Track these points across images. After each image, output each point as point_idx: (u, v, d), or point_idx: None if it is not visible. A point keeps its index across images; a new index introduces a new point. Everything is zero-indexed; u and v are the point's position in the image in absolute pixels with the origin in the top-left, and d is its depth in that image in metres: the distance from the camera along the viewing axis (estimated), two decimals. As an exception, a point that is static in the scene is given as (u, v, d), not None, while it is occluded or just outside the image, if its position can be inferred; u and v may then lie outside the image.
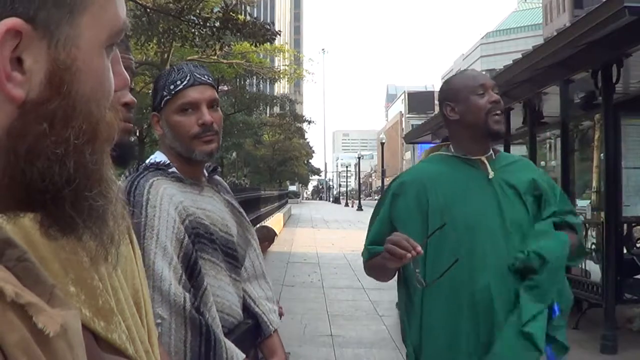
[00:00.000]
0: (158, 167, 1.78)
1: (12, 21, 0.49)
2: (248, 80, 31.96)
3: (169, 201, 1.70)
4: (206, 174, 1.92)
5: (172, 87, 1.81)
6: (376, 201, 2.69)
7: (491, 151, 2.25)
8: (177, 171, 1.80)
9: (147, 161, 1.83)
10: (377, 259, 2.09)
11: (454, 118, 2.22)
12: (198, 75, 1.84)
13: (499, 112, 2.17)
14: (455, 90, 2.22)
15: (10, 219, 0.58)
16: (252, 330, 1.91)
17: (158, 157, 1.84)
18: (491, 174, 2.17)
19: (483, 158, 2.21)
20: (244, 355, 1.73)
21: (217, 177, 1.99)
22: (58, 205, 0.54)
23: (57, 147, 0.52)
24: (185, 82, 1.82)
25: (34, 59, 0.51)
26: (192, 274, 1.69)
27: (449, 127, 2.29)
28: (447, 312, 2.07)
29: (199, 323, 1.64)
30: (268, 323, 1.94)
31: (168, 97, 1.81)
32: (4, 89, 0.50)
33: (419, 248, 1.84)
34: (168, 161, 1.81)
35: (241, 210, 2.00)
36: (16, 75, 0.50)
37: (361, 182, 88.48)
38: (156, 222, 1.66)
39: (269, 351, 1.95)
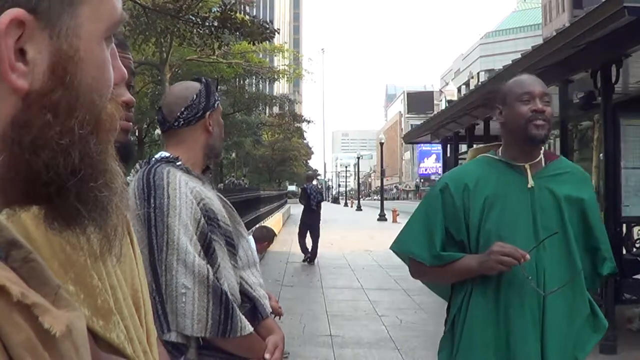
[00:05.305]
0: (168, 160, 1.96)
1: (16, 11, 0.49)
2: (247, 80, 31.95)
3: (185, 185, 1.89)
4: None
5: (217, 94, 2.07)
6: (376, 201, 2.68)
7: (541, 158, 2.26)
8: (183, 164, 1.97)
9: (154, 157, 2.01)
10: (460, 264, 2.19)
11: (501, 121, 2.29)
12: None
13: (540, 120, 2.19)
14: (503, 94, 2.29)
15: (12, 217, 0.58)
16: (250, 313, 2.03)
17: (164, 154, 2.01)
18: (530, 183, 2.20)
19: (526, 165, 2.23)
20: (252, 329, 1.89)
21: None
22: (63, 197, 0.53)
23: (61, 137, 0.52)
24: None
25: (37, 50, 0.51)
26: (207, 252, 1.87)
27: (501, 130, 2.34)
28: (488, 322, 2.17)
29: (220, 292, 1.81)
30: (265, 306, 2.06)
31: (219, 101, 2.07)
32: (9, 80, 0.50)
33: (528, 256, 2.03)
34: (175, 155, 1.98)
35: (230, 204, 2.17)
36: (20, 66, 0.50)
37: (360, 182, 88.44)
38: (177, 202, 1.84)
39: (267, 331, 2.04)
